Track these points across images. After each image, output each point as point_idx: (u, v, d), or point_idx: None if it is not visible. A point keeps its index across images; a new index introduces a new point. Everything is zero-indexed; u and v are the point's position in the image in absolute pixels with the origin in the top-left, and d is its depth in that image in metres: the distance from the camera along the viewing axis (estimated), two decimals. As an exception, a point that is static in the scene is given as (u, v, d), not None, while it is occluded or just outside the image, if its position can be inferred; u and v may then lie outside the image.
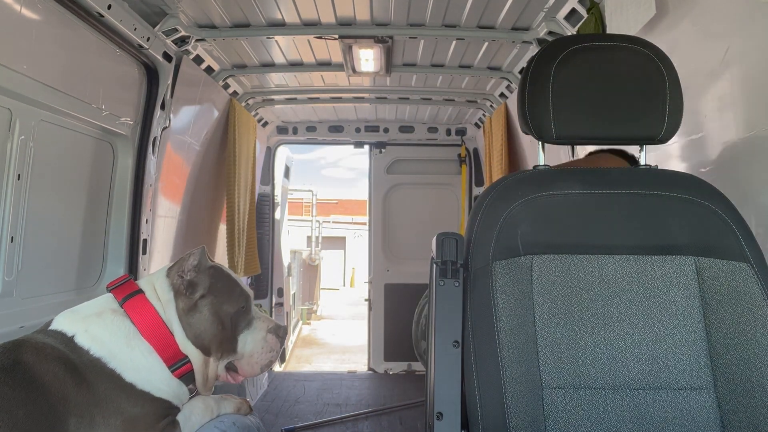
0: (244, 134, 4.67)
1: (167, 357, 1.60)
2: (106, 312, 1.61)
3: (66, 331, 1.55)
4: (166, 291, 1.67)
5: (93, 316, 1.60)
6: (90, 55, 2.54)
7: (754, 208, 1.70)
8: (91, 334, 1.55)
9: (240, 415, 1.80)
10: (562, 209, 1.40)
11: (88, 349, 1.52)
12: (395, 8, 3.14)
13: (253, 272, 5.11)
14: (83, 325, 1.56)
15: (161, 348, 1.60)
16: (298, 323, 11.17)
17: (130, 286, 1.68)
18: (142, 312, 1.62)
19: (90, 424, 1.42)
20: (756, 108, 1.74)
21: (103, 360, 1.51)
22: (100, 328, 1.57)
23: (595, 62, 1.43)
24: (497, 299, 1.33)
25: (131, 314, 1.61)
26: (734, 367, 1.30)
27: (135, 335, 1.59)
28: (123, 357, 1.54)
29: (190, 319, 1.66)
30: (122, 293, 1.65)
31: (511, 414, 1.27)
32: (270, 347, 1.76)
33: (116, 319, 1.60)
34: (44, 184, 2.36)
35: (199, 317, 1.67)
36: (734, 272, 1.34)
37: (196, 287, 1.68)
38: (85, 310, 1.64)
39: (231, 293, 1.74)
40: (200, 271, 1.70)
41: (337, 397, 5.43)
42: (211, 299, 1.69)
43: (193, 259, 1.69)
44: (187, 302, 1.66)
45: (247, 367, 1.77)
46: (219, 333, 1.69)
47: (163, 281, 1.70)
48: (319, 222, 18.73)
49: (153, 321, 1.61)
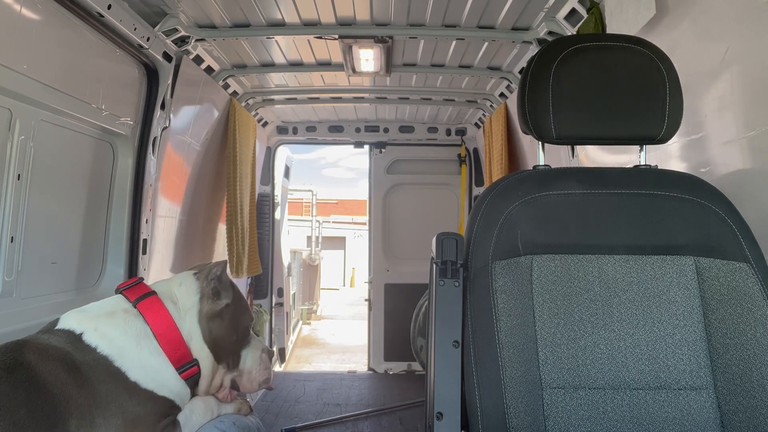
0: (244, 134, 4.67)
1: (176, 359, 1.63)
2: (118, 312, 1.63)
3: (74, 329, 1.56)
4: (193, 293, 1.73)
5: (103, 316, 1.62)
6: (90, 55, 2.54)
7: (754, 208, 1.70)
8: (101, 332, 1.56)
9: (240, 415, 1.81)
10: (562, 209, 1.40)
11: (96, 346, 1.53)
12: (395, 8, 3.14)
13: (254, 272, 5.11)
14: (92, 324, 1.58)
15: (171, 349, 1.63)
16: (298, 323, 11.16)
17: (143, 288, 1.72)
18: (158, 312, 1.65)
19: (91, 424, 1.42)
20: (756, 108, 1.74)
21: (109, 358, 1.53)
22: (111, 326, 1.59)
23: (595, 62, 1.43)
24: (497, 299, 1.33)
25: (146, 314, 1.63)
26: (734, 367, 1.30)
27: (146, 335, 1.61)
28: (131, 355, 1.56)
29: (211, 324, 1.72)
30: (135, 294, 1.68)
31: (511, 414, 1.26)
32: (265, 365, 1.87)
33: (128, 319, 1.62)
34: (44, 184, 2.36)
35: (221, 323, 1.74)
36: (734, 272, 1.34)
37: (221, 295, 1.76)
38: (94, 310, 1.66)
39: (246, 309, 1.85)
40: (223, 282, 1.78)
41: (337, 397, 5.43)
42: (233, 309, 1.78)
43: (217, 268, 1.77)
44: (212, 307, 1.73)
45: (247, 383, 1.85)
46: (233, 342, 1.77)
47: (191, 284, 1.75)
48: (319, 222, 18.72)
49: (166, 322, 1.64)
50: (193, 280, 1.76)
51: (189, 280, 1.76)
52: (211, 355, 1.70)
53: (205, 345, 1.69)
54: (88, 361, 1.50)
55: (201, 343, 1.68)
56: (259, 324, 5.94)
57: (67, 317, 1.61)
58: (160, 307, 1.66)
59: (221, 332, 1.73)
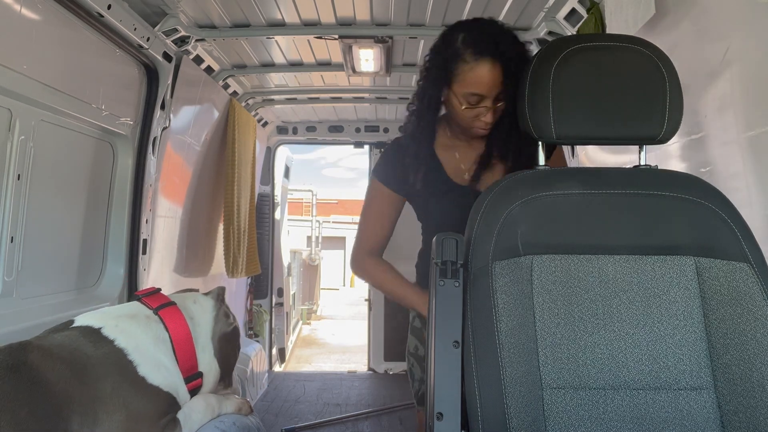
0: (244, 134, 4.66)
1: (186, 368, 1.68)
2: (140, 315, 1.68)
3: (92, 325, 1.60)
4: (208, 311, 1.84)
5: (125, 317, 1.66)
6: (90, 55, 2.53)
7: (755, 208, 1.70)
8: (121, 328, 1.61)
9: (240, 415, 1.81)
10: (562, 209, 1.39)
11: (114, 339, 1.57)
12: (395, 8, 3.14)
13: (253, 272, 5.11)
14: (114, 321, 1.62)
15: (185, 358, 1.69)
16: (298, 323, 11.16)
17: (163, 297, 1.78)
18: (178, 322, 1.71)
19: (94, 420, 1.43)
20: (756, 108, 1.74)
21: (124, 351, 1.56)
22: (133, 326, 1.64)
23: (595, 62, 1.43)
24: (497, 299, 1.33)
25: (167, 321, 1.69)
26: (734, 367, 1.30)
27: (164, 340, 1.66)
28: (146, 352, 1.60)
29: (222, 343, 1.83)
30: (156, 302, 1.74)
31: (511, 414, 1.27)
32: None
33: (150, 323, 1.67)
34: (44, 184, 2.35)
35: (228, 344, 1.86)
36: (734, 272, 1.34)
37: (230, 317, 1.89)
38: (115, 311, 1.72)
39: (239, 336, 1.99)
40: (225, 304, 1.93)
41: (337, 397, 5.43)
42: (237, 331, 1.92)
43: (223, 293, 1.92)
44: (225, 327, 1.85)
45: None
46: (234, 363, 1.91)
47: (207, 302, 1.87)
48: (319, 222, 18.71)
49: (185, 332, 1.71)
50: (207, 299, 1.87)
51: (202, 299, 1.87)
52: (219, 371, 1.80)
53: (215, 360, 1.78)
54: (98, 355, 1.52)
55: (212, 358, 1.77)
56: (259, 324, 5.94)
57: (85, 316, 1.66)
58: (180, 317, 1.73)
59: (229, 351, 1.85)
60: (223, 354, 1.82)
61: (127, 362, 1.55)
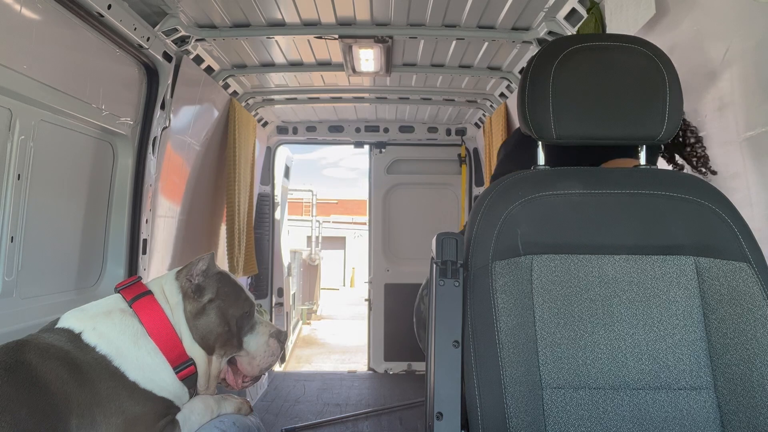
0: (244, 134, 4.67)
1: (173, 358, 1.62)
2: (115, 311, 1.63)
3: (73, 329, 1.56)
4: (175, 294, 1.71)
5: (101, 315, 1.61)
6: (90, 55, 2.53)
7: (755, 208, 1.70)
8: (99, 331, 1.56)
9: (240, 415, 1.80)
10: (562, 209, 1.39)
11: (95, 346, 1.53)
12: (395, 8, 3.14)
13: (250, 272, 5.11)
14: (91, 323, 1.58)
15: (167, 349, 1.62)
16: (298, 323, 11.16)
17: (139, 287, 1.71)
18: (151, 313, 1.64)
19: (91, 423, 1.42)
20: (756, 108, 1.74)
21: (108, 357, 1.52)
22: (108, 326, 1.58)
23: (595, 62, 1.43)
24: (497, 299, 1.32)
25: (140, 314, 1.63)
26: (734, 367, 1.30)
27: (142, 335, 1.61)
28: (129, 355, 1.56)
29: (197, 322, 1.70)
30: (131, 294, 1.68)
31: (511, 414, 1.26)
32: (272, 351, 1.82)
33: (125, 319, 1.62)
34: (44, 184, 2.36)
35: (206, 320, 1.72)
36: (734, 272, 1.34)
37: (203, 291, 1.73)
38: (93, 309, 1.66)
39: (237, 298, 1.78)
40: (208, 276, 1.74)
41: (337, 397, 5.43)
42: (218, 303, 1.74)
43: (201, 264, 1.73)
44: (195, 305, 1.71)
45: (247, 366, 1.81)
46: (224, 334, 1.73)
47: (173, 284, 1.73)
48: (319, 222, 18.72)
49: (161, 322, 1.64)
50: (173, 279, 1.75)
51: (171, 279, 1.75)
52: (203, 352, 1.70)
53: (195, 343, 1.68)
54: (88, 360, 1.50)
55: (191, 341, 1.68)
56: (259, 324, 5.93)
57: (67, 316, 1.62)
58: (155, 306, 1.65)
59: (209, 328, 1.71)
60: (201, 333, 1.69)
61: (115, 368, 1.52)
